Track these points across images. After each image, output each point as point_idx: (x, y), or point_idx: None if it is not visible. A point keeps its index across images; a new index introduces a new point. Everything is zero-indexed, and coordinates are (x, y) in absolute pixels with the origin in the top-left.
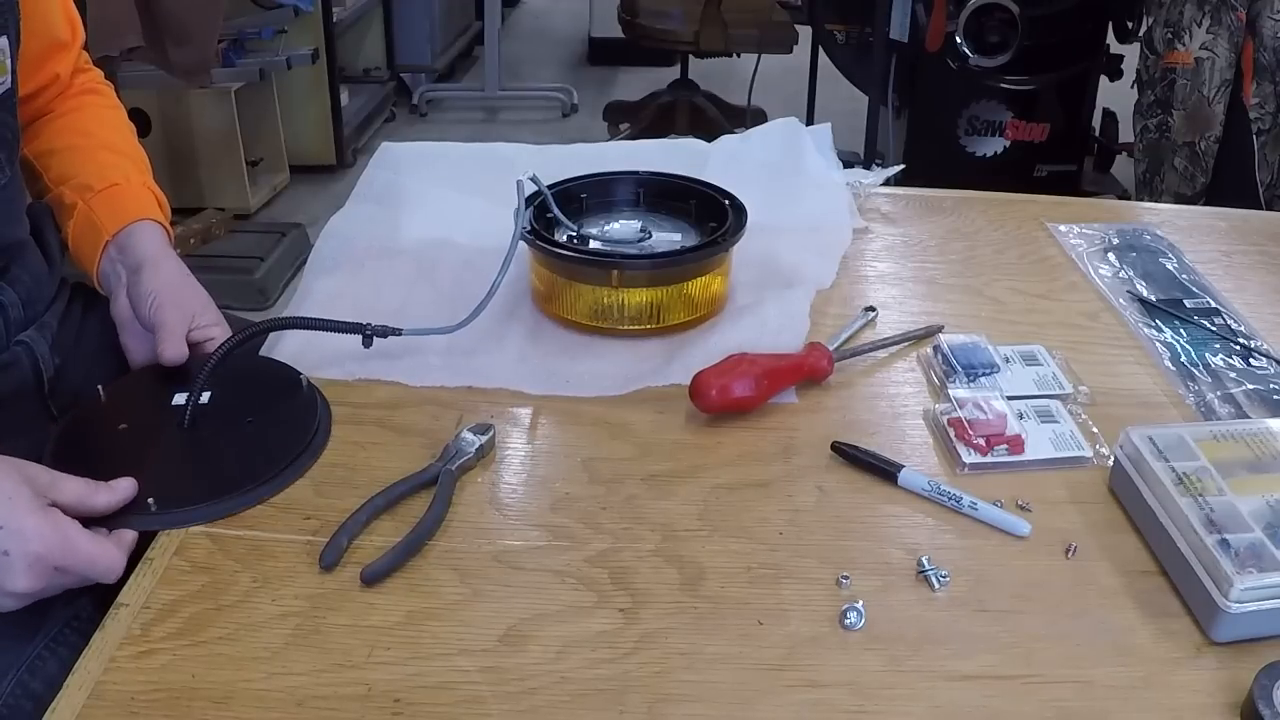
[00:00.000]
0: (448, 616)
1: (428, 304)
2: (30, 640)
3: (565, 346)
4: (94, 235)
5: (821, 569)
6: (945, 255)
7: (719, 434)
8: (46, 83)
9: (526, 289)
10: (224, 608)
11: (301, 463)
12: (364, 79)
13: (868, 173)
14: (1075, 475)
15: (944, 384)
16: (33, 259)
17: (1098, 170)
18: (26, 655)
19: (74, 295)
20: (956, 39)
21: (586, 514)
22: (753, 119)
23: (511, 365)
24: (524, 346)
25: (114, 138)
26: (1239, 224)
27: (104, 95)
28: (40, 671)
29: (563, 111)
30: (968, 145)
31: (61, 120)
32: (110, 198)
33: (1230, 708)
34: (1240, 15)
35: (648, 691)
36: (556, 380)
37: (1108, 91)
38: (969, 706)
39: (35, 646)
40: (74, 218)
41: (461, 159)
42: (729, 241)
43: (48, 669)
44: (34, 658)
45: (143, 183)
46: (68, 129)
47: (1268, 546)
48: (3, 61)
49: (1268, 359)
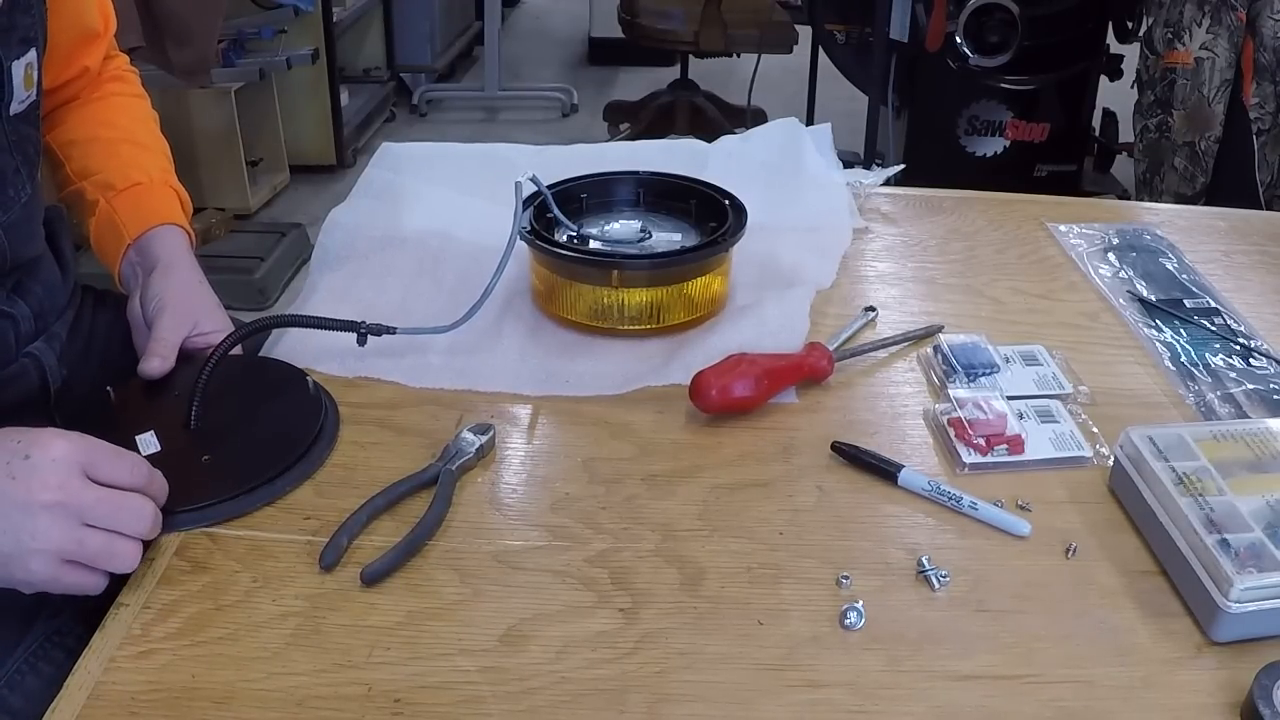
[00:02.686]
0: (448, 616)
1: (429, 301)
2: (10, 654)
3: (565, 346)
4: (115, 237)
5: (821, 569)
6: (945, 255)
7: (719, 434)
8: (75, 75)
9: (526, 289)
10: (224, 608)
11: (308, 466)
12: (364, 79)
13: (868, 173)
14: (1075, 475)
15: (944, 384)
16: (46, 269)
17: (1098, 170)
18: (6, 670)
19: (84, 299)
20: (956, 39)
21: (586, 514)
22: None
23: (512, 365)
24: (524, 346)
25: (137, 130)
26: (1239, 224)
27: (129, 83)
28: (19, 687)
29: (563, 111)
30: (968, 145)
31: (86, 109)
32: (132, 198)
33: (1230, 708)
34: (1240, 15)
35: (648, 691)
36: (556, 380)
37: (1108, 91)
38: (969, 706)
39: (15, 661)
40: (95, 216)
41: (461, 159)
42: (729, 241)
43: (27, 684)
44: (13, 672)
45: (164, 181)
46: (91, 119)
47: (1268, 546)
48: (30, 75)
49: (1268, 359)
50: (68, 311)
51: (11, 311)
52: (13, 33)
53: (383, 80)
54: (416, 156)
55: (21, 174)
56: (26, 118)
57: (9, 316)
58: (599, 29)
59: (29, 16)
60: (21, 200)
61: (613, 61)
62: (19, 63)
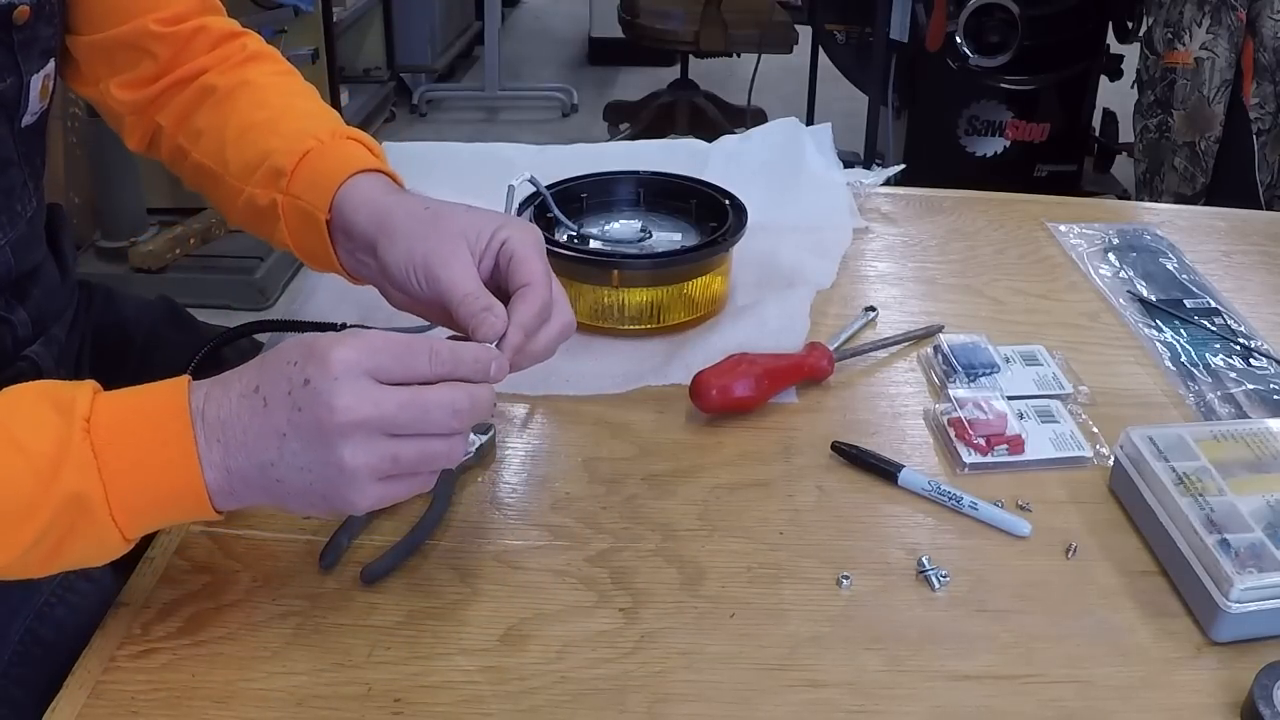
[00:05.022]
0: (448, 616)
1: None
2: (38, 587)
3: (565, 346)
4: (312, 228)
5: (821, 569)
6: (945, 255)
7: (719, 434)
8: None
9: None
10: (224, 607)
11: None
12: (364, 79)
13: (868, 173)
14: (1075, 475)
15: (944, 384)
16: (47, 273)
17: (1098, 170)
18: (35, 603)
19: (83, 298)
20: (956, 39)
21: (587, 514)
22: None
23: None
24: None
25: (295, 103)
26: (1239, 224)
27: (272, 59)
28: (49, 618)
29: (563, 111)
30: (968, 145)
31: (229, 106)
32: (308, 170)
33: (1230, 708)
34: (1240, 15)
35: (648, 691)
36: (556, 379)
37: (1108, 91)
38: (969, 706)
39: (43, 594)
40: (281, 218)
41: (461, 159)
42: (729, 241)
43: (56, 615)
44: (42, 605)
45: (338, 134)
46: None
47: (1268, 546)
48: (46, 86)
49: (1268, 359)
50: (66, 312)
51: (10, 317)
52: (35, 45)
53: (383, 80)
54: (416, 156)
55: (28, 187)
56: (35, 127)
57: (7, 322)
58: (599, 29)
59: (51, 27)
60: (27, 215)
61: (613, 61)
62: (38, 75)
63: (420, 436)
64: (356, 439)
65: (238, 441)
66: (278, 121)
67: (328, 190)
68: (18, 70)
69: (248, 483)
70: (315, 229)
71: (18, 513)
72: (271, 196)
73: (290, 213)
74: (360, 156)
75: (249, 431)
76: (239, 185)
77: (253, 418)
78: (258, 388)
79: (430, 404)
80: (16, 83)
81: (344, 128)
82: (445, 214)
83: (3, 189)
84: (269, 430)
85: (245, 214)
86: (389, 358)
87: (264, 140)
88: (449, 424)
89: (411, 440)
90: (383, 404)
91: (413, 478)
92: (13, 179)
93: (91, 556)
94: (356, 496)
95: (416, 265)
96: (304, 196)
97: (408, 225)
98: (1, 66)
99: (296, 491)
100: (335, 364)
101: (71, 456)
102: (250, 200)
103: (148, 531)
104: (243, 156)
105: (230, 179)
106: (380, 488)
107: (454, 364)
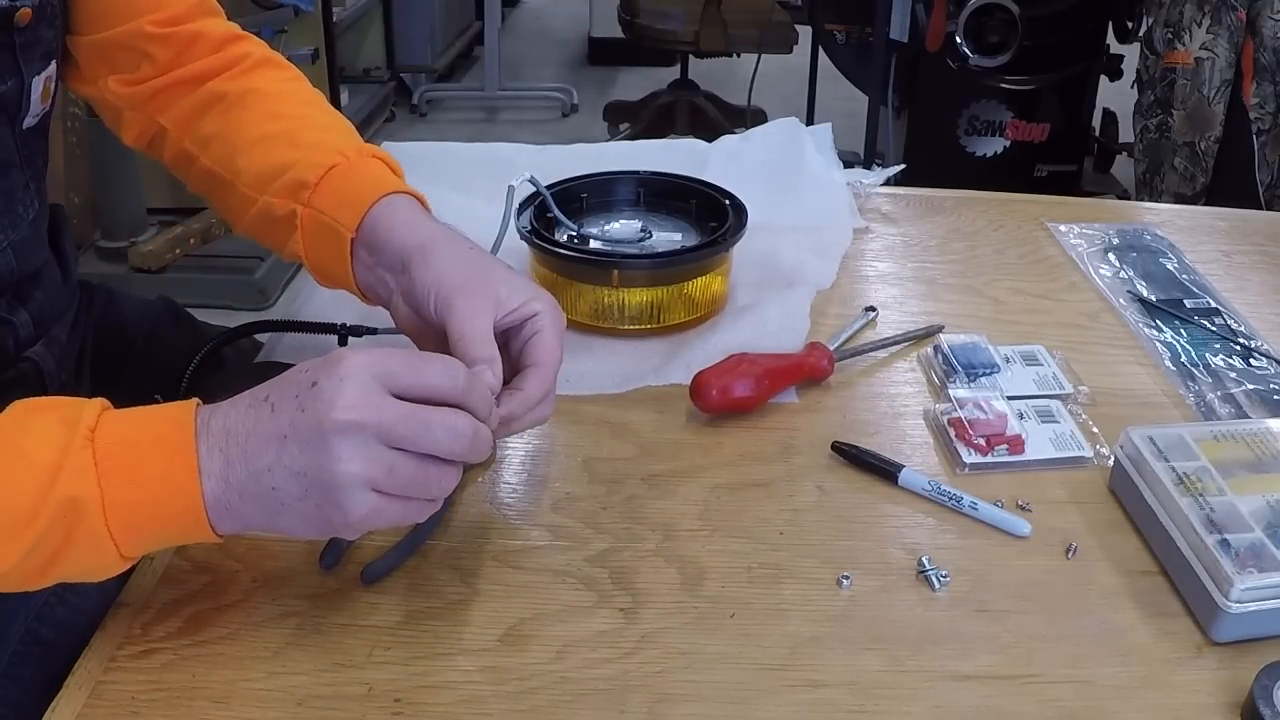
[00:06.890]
0: (448, 616)
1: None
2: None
3: (565, 346)
4: (334, 241)
5: (821, 569)
6: (945, 255)
7: (719, 434)
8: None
9: None
10: (224, 607)
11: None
12: (364, 79)
13: (868, 173)
14: (1075, 475)
15: (944, 384)
16: (48, 274)
17: (1098, 170)
18: (35, 603)
19: (83, 299)
20: (956, 39)
21: (587, 514)
22: (753, 119)
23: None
24: None
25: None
26: (1239, 224)
27: (281, 66)
28: (49, 618)
29: (563, 111)
30: (968, 145)
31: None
32: (334, 185)
33: (1230, 708)
34: (1240, 15)
35: (648, 691)
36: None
37: (1108, 91)
38: (969, 706)
39: (43, 594)
40: (299, 229)
41: (461, 159)
42: (729, 241)
43: (56, 615)
44: (42, 605)
45: (359, 150)
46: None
47: (1268, 546)
48: (48, 88)
49: (1268, 359)
50: (68, 313)
51: (11, 319)
52: (36, 48)
53: (383, 80)
54: (416, 156)
55: (30, 189)
56: (37, 129)
57: (9, 324)
58: (599, 29)
59: (52, 29)
60: (29, 217)
61: (613, 61)
62: (39, 77)
63: (419, 455)
64: (354, 440)
65: (239, 449)
66: (296, 133)
67: (357, 208)
68: (19, 72)
69: (244, 494)
70: (336, 243)
71: (16, 520)
72: (291, 207)
73: (310, 225)
74: (389, 178)
75: (251, 436)
76: (251, 194)
77: (257, 423)
78: (268, 396)
79: (433, 421)
80: (18, 85)
81: (366, 145)
82: (488, 262)
83: (4, 191)
84: (271, 433)
85: (257, 223)
86: (402, 367)
87: (282, 151)
88: (449, 446)
89: (410, 456)
90: (384, 410)
91: (406, 502)
92: (14, 181)
93: (87, 569)
94: (349, 503)
95: (443, 292)
96: (328, 211)
97: (450, 252)
98: (3, 69)
99: (291, 500)
100: (344, 367)
101: (71, 463)
102: (266, 209)
103: (145, 550)
104: (256, 166)
105: (242, 187)
106: (373, 499)
107: (467, 384)
